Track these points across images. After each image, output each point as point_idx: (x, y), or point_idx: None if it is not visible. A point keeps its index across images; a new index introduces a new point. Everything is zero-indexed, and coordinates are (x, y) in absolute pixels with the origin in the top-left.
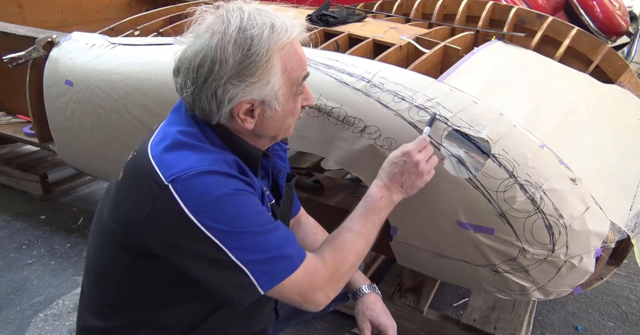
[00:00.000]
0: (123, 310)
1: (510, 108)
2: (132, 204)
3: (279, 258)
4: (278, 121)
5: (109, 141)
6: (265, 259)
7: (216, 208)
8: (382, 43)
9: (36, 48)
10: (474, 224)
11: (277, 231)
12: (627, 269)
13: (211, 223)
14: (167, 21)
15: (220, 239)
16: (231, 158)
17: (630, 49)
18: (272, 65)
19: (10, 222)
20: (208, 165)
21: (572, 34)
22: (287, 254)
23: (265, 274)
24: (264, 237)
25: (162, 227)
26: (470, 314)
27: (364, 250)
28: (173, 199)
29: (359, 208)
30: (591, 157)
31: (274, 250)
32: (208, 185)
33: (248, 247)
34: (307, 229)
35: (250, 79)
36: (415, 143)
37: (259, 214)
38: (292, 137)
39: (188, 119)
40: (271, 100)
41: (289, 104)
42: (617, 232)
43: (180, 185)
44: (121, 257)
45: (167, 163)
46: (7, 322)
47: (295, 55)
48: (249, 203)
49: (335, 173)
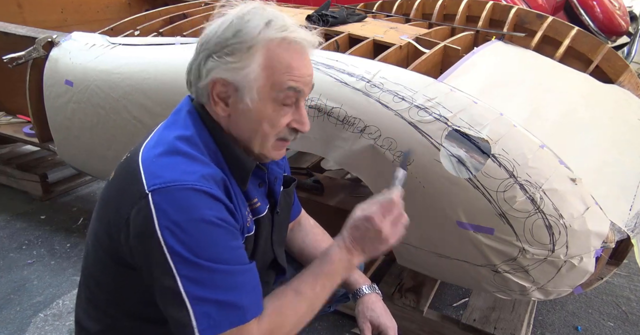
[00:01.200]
0: (114, 316)
1: (510, 108)
2: (115, 207)
3: (231, 305)
4: (251, 121)
5: (109, 141)
6: (216, 301)
7: (188, 231)
8: (382, 43)
9: (36, 48)
10: (474, 224)
11: (243, 275)
12: (627, 269)
13: (174, 244)
14: (167, 21)
15: (176, 263)
16: (220, 176)
17: (630, 49)
18: (252, 54)
19: (10, 222)
20: (195, 181)
21: (572, 34)
22: (240, 303)
23: (208, 318)
24: (226, 276)
25: (135, 236)
26: (470, 314)
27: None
28: (148, 209)
29: (313, 266)
30: (591, 157)
31: (230, 293)
32: (189, 204)
33: (202, 282)
34: (307, 230)
35: (228, 58)
36: (380, 205)
37: (231, 251)
38: None
39: (186, 121)
40: (244, 89)
41: (265, 107)
42: (617, 232)
43: (159, 197)
44: (107, 264)
45: (154, 171)
46: (7, 322)
47: (285, 58)
48: (225, 237)
49: (335, 173)
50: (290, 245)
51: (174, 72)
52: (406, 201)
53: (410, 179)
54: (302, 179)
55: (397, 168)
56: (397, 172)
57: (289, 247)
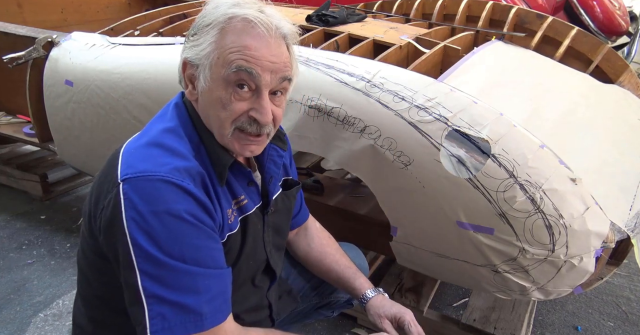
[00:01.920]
0: (103, 311)
1: (510, 108)
2: (95, 198)
3: (189, 309)
4: (208, 103)
5: (109, 141)
6: (174, 302)
7: (153, 224)
8: (382, 43)
9: (36, 48)
10: (474, 224)
11: (207, 279)
12: (627, 269)
13: (137, 235)
14: (167, 21)
15: (137, 256)
16: (196, 170)
17: (630, 49)
18: (209, 31)
19: (10, 222)
20: (166, 173)
21: (572, 34)
22: (200, 309)
23: (162, 320)
24: (188, 277)
25: (106, 226)
26: (470, 314)
27: None
28: (118, 198)
29: None
30: (591, 157)
31: (190, 296)
32: (157, 195)
33: (162, 280)
34: (313, 234)
35: (192, 38)
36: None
37: (198, 250)
38: (292, 137)
39: (172, 113)
40: (201, 67)
41: (217, 87)
42: (617, 232)
43: (128, 186)
44: (92, 258)
45: (129, 161)
46: (7, 322)
47: (239, 37)
48: (193, 234)
49: (335, 173)
50: (296, 249)
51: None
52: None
53: (410, 179)
54: (302, 179)
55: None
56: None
57: (295, 251)
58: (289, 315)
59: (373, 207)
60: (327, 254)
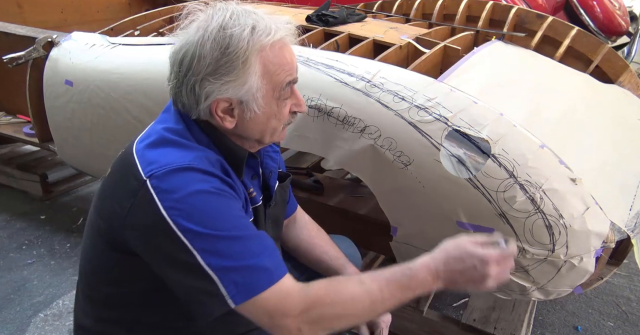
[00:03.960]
0: (113, 308)
1: (510, 108)
2: (116, 200)
3: (254, 269)
4: (260, 124)
5: (109, 141)
6: (238, 268)
7: (190, 205)
8: (382, 43)
9: (36, 48)
10: (474, 224)
11: (257, 239)
12: (627, 269)
13: (182, 221)
14: (167, 21)
15: (190, 239)
16: (214, 157)
17: (630, 49)
18: (249, 66)
19: (10, 222)
20: (188, 162)
21: (572, 34)
22: (264, 265)
23: (236, 285)
24: (241, 242)
25: (139, 224)
26: (470, 314)
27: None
28: (149, 194)
29: (390, 271)
30: (591, 157)
31: (250, 258)
32: (185, 180)
33: (220, 252)
34: (301, 225)
35: (226, 78)
36: (501, 254)
37: (239, 219)
38: (292, 137)
39: (176, 116)
40: (249, 101)
41: (270, 107)
42: (617, 232)
43: (156, 181)
44: (107, 254)
45: (148, 159)
46: (7, 322)
47: (278, 58)
48: (228, 205)
49: (335, 173)
50: (286, 241)
51: None
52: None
53: (410, 179)
54: (302, 179)
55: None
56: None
57: (285, 243)
58: None
59: (373, 207)
60: (316, 245)
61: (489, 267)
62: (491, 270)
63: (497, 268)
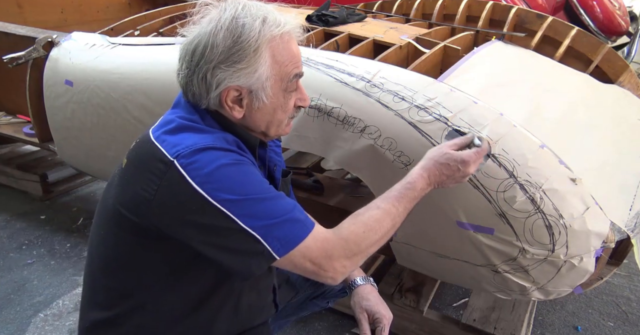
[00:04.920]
0: (129, 295)
1: (510, 108)
2: (139, 186)
3: (290, 221)
4: (267, 114)
5: (108, 141)
6: (276, 224)
7: (220, 177)
8: (382, 43)
9: (36, 48)
10: (474, 224)
11: (282, 198)
12: (627, 269)
13: (217, 193)
14: (167, 21)
15: (228, 207)
16: (231, 138)
17: (630, 49)
18: (260, 54)
19: (10, 222)
20: (210, 142)
21: (572, 34)
22: (297, 217)
23: (278, 240)
24: (271, 202)
25: (170, 203)
26: (470, 314)
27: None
28: (179, 173)
29: (394, 191)
30: (591, 157)
31: (283, 214)
32: (210, 157)
33: (257, 214)
34: None
35: (237, 65)
36: (475, 152)
37: (262, 183)
38: (292, 137)
39: (189, 108)
40: (258, 90)
41: (278, 98)
42: (617, 232)
43: (184, 160)
44: (128, 241)
45: (171, 142)
46: (7, 322)
47: (286, 50)
48: (250, 171)
49: (335, 173)
50: None
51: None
52: None
53: None
54: (302, 179)
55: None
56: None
57: None
58: (285, 307)
59: None
60: None
61: (469, 166)
62: (470, 168)
63: (474, 165)
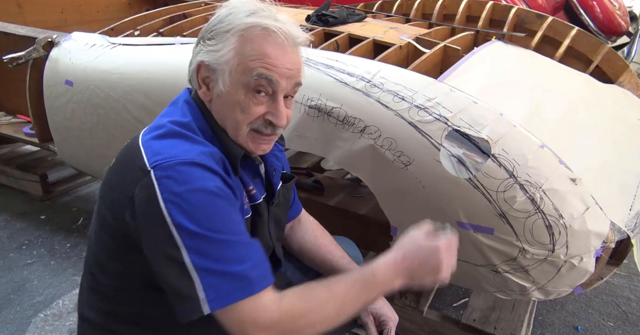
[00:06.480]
0: (115, 302)
1: (510, 108)
2: (119, 188)
3: (236, 276)
4: (225, 106)
5: (109, 141)
6: (221, 272)
7: (189, 201)
8: (382, 43)
9: (36, 48)
10: (474, 224)
11: (248, 247)
12: (627, 269)
13: (178, 216)
14: (167, 21)
15: (182, 235)
16: (218, 155)
17: (630, 49)
18: (229, 37)
19: (10, 222)
20: (194, 157)
21: (572, 34)
22: (247, 274)
23: (215, 290)
24: (231, 248)
25: (137, 213)
26: (470, 314)
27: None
28: (151, 184)
29: (354, 272)
30: (591, 157)
31: (235, 265)
32: (189, 176)
33: (208, 253)
34: (306, 227)
35: (209, 42)
36: (447, 241)
37: (235, 223)
38: (292, 137)
39: (183, 109)
40: (218, 72)
41: (237, 93)
42: (617, 232)
43: (160, 172)
44: (111, 246)
45: (155, 149)
46: (7, 322)
47: (258, 44)
48: (227, 208)
49: (335, 173)
50: (290, 243)
51: (174, 72)
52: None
53: (410, 179)
54: (302, 179)
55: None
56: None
57: (289, 245)
58: None
59: (373, 207)
60: (321, 245)
61: (439, 255)
62: (442, 257)
63: (446, 254)
